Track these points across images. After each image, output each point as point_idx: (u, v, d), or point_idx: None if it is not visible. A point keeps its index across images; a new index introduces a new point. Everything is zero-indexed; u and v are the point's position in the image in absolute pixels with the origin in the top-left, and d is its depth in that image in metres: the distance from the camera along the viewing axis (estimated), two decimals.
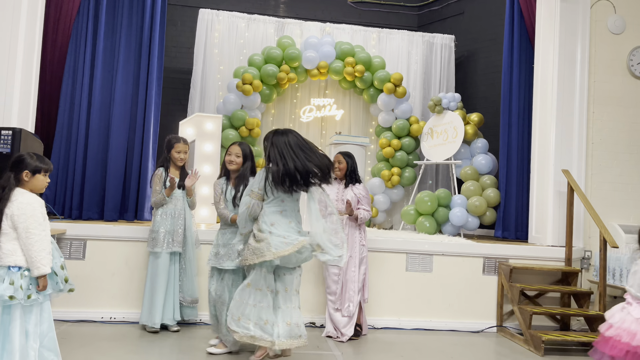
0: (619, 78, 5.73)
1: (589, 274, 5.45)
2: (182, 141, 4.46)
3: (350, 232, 4.46)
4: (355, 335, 4.45)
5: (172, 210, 4.36)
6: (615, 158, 5.66)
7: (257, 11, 7.72)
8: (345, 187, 4.55)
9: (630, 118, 5.71)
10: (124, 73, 5.59)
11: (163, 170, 4.39)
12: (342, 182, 4.57)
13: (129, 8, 5.67)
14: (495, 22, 7.19)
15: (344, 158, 4.53)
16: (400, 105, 6.96)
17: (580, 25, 5.66)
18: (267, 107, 7.06)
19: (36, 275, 2.78)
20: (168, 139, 4.46)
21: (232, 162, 3.91)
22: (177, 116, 6.84)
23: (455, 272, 5.12)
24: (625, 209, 5.61)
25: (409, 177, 6.92)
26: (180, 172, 4.49)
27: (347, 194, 4.49)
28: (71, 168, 5.45)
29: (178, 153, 4.41)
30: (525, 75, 6.08)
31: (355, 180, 4.55)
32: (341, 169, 4.52)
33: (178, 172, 4.47)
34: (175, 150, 4.41)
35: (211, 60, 7.00)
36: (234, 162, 3.91)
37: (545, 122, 5.63)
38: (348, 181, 4.54)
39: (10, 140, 4.31)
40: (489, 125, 6.93)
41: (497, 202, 6.16)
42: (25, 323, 2.81)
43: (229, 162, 3.91)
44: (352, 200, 4.43)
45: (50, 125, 5.63)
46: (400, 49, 7.47)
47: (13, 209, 2.80)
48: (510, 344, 4.68)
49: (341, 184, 4.56)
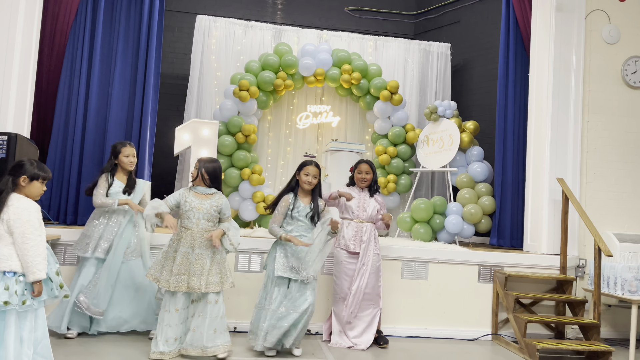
0: (613, 87, 5.78)
1: (583, 282, 5.46)
2: (128, 145, 4.41)
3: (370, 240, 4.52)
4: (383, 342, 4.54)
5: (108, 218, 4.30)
6: (609, 167, 5.69)
7: (255, 18, 7.74)
8: (370, 196, 4.62)
9: (625, 127, 5.75)
10: (121, 78, 5.59)
11: (109, 175, 4.32)
12: (364, 190, 4.62)
13: (127, 13, 5.69)
14: (491, 31, 7.24)
15: (371, 169, 4.62)
16: (396, 113, 6.98)
17: (575, 35, 5.71)
18: (264, 113, 7.06)
19: (31, 280, 2.77)
20: (114, 145, 4.41)
21: (310, 183, 4.10)
22: (174, 122, 6.84)
23: (451, 280, 5.12)
24: (619, 217, 5.64)
25: (404, 185, 6.93)
26: (128, 177, 4.42)
27: (370, 203, 4.57)
28: (66, 173, 5.44)
29: (126, 157, 4.35)
30: (521, 83, 6.12)
31: (376, 190, 4.67)
32: (368, 180, 4.60)
33: (126, 178, 4.40)
34: (123, 155, 4.35)
35: (208, 67, 7.01)
36: (312, 183, 4.11)
37: (540, 131, 5.66)
38: (372, 191, 4.64)
39: (6, 146, 4.30)
40: (485, 133, 6.96)
41: (493, 210, 6.17)
42: (19, 329, 2.80)
43: (308, 182, 4.08)
44: (374, 209, 4.56)
45: (46, 130, 5.62)
46: (396, 57, 7.51)
47: (9, 214, 2.80)
48: (505, 352, 4.68)
49: (362, 192, 4.61)
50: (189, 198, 3.85)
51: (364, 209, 4.54)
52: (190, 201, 3.84)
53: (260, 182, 6.41)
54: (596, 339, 4.61)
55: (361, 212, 4.54)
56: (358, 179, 4.61)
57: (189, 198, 3.85)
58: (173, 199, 3.87)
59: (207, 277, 3.78)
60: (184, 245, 3.80)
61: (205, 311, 3.78)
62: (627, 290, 4.64)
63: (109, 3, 5.67)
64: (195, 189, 3.92)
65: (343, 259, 4.49)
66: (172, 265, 3.79)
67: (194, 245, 3.80)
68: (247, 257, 4.87)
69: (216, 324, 3.79)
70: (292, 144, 7.19)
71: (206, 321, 3.76)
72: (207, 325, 3.76)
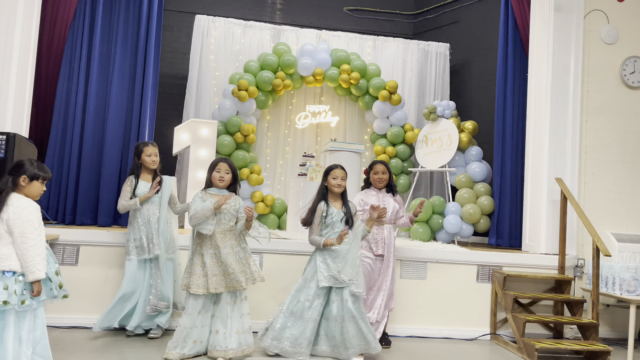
0: (612, 87, 5.78)
1: (582, 282, 5.47)
2: (150, 144, 4.45)
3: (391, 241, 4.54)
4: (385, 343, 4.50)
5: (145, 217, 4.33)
6: (608, 167, 5.70)
7: (253, 18, 7.74)
8: (392, 196, 4.61)
9: (623, 127, 5.76)
10: (120, 78, 5.59)
11: (133, 177, 4.39)
12: (382, 191, 4.61)
13: (125, 13, 5.68)
14: (490, 31, 7.24)
15: (387, 169, 4.61)
16: (395, 113, 6.99)
17: (573, 35, 5.71)
18: (263, 113, 7.06)
19: (31, 280, 2.77)
20: (136, 145, 4.48)
21: (340, 185, 4.11)
22: (172, 122, 6.84)
23: (449, 280, 5.13)
24: (618, 217, 5.65)
25: (403, 184, 6.93)
26: (153, 176, 4.45)
27: (390, 203, 4.55)
28: (65, 173, 5.43)
29: (149, 156, 4.40)
30: (519, 83, 6.13)
31: (394, 190, 4.67)
32: (385, 180, 4.59)
33: (151, 177, 4.44)
34: (145, 154, 4.39)
35: (207, 66, 7.01)
36: (342, 185, 4.11)
37: (539, 131, 5.67)
38: (390, 190, 4.63)
39: (4, 145, 4.30)
40: (483, 133, 6.97)
41: (491, 209, 6.18)
42: (18, 329, 2.80)
43: (338, 185, 4.10)
44: (394, 209, 4.56)
45: (45, 130, 5.61)
46: (395, 57, 7.51)
47: (9, 213, 2.80)
48: (504, 352, 4.69)
49: (380, 193, 4.60)
50: (208, 200, 3.84)
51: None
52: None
53: (259, 182, 6.40)
54: (594, 339, 4.62)
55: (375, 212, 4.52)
56: (375, 179, 4.59)
57: (208, 200, 3.84)
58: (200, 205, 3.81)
59: (243, 274, 3.80)
60: (208, 248, 3.79)
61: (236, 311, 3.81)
62: (625, 290, 4.65)
63: (108, 3, 5.66)
64: (210, 190, 3.91)
65: (366, 260, 4.45)
66: (201, 270, 3.77)
67: (218, 246, 3.79)
68: None
69: (246, 322, 3.84)
70: (291, 144, 7.19)
71: (236, 321, 3.79)
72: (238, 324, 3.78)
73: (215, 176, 3.91)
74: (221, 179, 3.91)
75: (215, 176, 3.91)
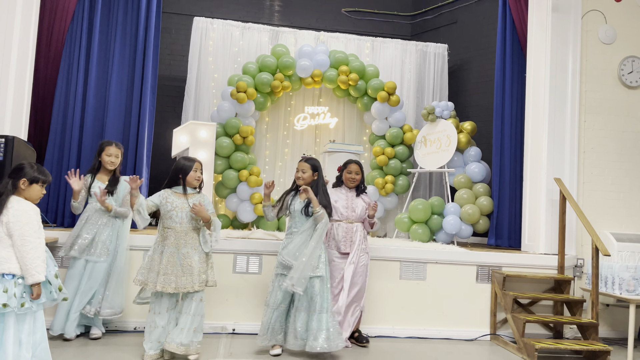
0: (610, 87, 5.80)
1: (581, 281, 5.47)
2: (114, 144, 4.43)
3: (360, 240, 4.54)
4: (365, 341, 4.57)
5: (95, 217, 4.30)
6: (606, 166, 5.71)
7: (252, 19, 7.75)
8: (357, 196, 4.61)
9: (621, 127, 5.77)
10: (118, 80, 5.59)
11: (90, 175, 4.37)
12: (351, 190, 4.62)
13: (124, 15, 5.68)
14: (488, 32, 7.26)
15: (360, 169, 4.62)
16: (393, 114, 6.99)
17: (571, 35, 5.73)
18: (261, 115, 7.06)
19: (30, 283, 2.77)
20: (100, 143, 4.48)
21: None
22: (171, 124, 6.84)
23: (449, 280, 5.13)
24: (617, 217, 5.66)
25: (402, 185, 6.94)
26: (111, 178, 4.42)
27: (359, 203, 4.56)
28: (64, 176, 5.42)
29: (109, 156, 4.37)
30: (518, 84, 6.14)
31: (363, 190, 4.67)
32: (357, 180, 4.60)
33: (107, 178, 4.41)
34: (105, 154, 4.37)
35: (205, 68, 7.01)
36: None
37: (537, 131, 5.67)
38: (359, 191, 4.63)
39: (3, 148, 4.30)
40: (482, 133, 6.98)
41: (490, 210, 6.18)
42: (18, 332, 2.80)
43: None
44: (363, 208, 4.55)
45: (43, 132, 5.61)
46: (393, 58, 7.52)
47: (9, 216, 2.80)
48: (504, 352, 4.69)
49: (350, 192, 4.61)
50: (169, 198, 3.85)
51: (353, 210, 4.53)
52: (172, 201, 3.83)
53: (258, 184, 6.40)
54: (594, 339, 4.63)
55: (350, 212, 4.53)
56: (347, 178, 4.60)
57: (169, 198, 3.85)
58: (153, 200, 3.85)
59: (199, 276, 3.79)
60: (169, 246, 3.79)
61: (189, 309, 3.80)
62: (624, 289, 4.65)
63: (106, 5, 5.67)
64: (176, 188, 3.92)
65: (334, 259, 4.47)
66: (158, 266, 3.77)
67: (179, 245, 3.79)
68: (245, 258, 4.86)
69: (197, 322, 3.83)
70: (289, 145, 7.19)
71: (189, 319, 3.79)
72: (189, 323, 3.79)
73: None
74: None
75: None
